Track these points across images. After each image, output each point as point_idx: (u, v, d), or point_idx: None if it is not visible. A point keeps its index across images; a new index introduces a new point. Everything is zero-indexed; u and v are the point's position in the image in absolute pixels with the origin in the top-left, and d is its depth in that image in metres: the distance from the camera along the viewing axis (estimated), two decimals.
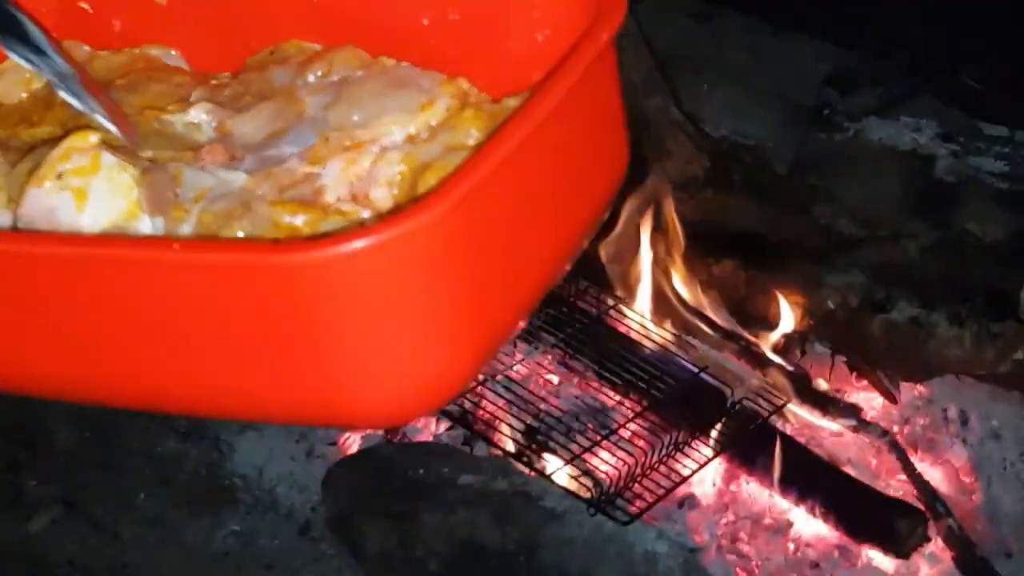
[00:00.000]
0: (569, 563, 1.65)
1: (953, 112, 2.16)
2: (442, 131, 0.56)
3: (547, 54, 0.55)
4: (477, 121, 0.56)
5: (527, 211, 0.50)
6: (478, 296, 0.48)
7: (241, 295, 0.46)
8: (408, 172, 0.55)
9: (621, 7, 0.53)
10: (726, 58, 2.36)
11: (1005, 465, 1.89)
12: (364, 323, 0.45)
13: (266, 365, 0.48)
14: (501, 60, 0.58)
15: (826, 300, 1.94)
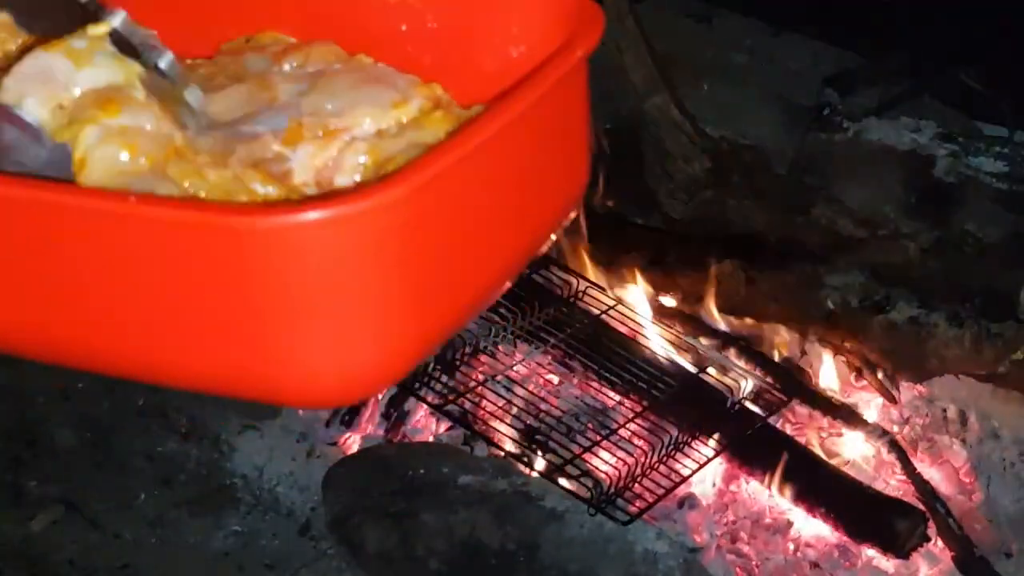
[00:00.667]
0: (569, 563, 1.65)
1: (952, 112, 2.16)
2: (410, 129, 0.57)
3: (521, 70, 0.56)
4: (445, 123, 0.57)
5: (482, 209, 0.51)
6: (427, 284, 0.48)
7: (193, 254, 0.46)
8: (371, 164, 0.56)
9: (597, 28, 0.54)
10: (726, 58, 2.37)
11: (1004, 465, 1.89)
12: (310, 297, 0.45)
13: (210, 330, 0.48)
14: (475, 71, 0.58)
15: (826, 300, 1.94)
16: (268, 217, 0.45)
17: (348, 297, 0.46)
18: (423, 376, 1.82)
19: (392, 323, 0.47)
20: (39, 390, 1.91)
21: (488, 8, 0.57)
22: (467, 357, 1.86)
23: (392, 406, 1.92)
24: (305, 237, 0.44)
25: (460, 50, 0.59)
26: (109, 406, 1.91)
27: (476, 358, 1.87)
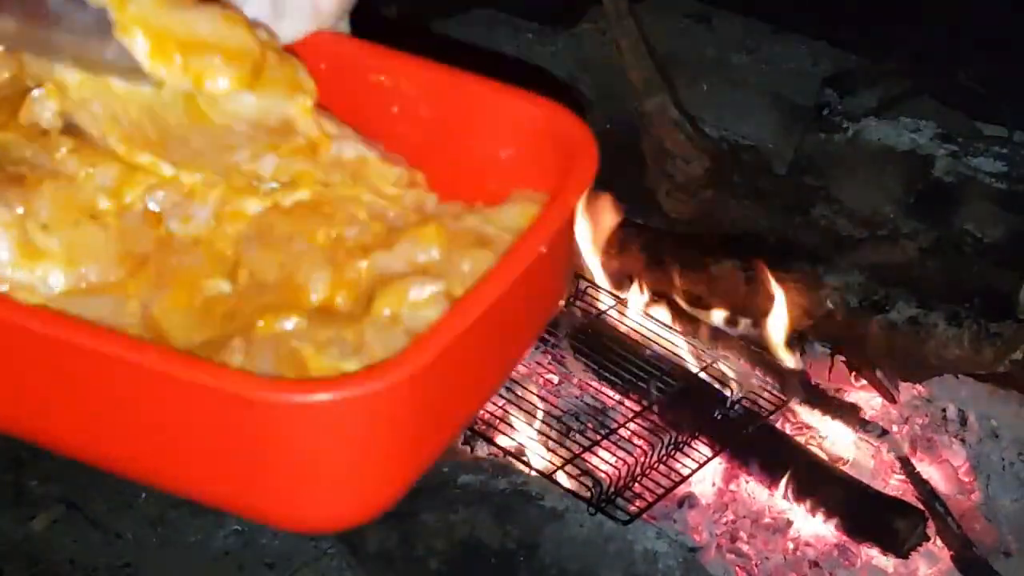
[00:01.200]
0: (569, 562, 1.66)
1: (952, 112, 2.16)
2: (403, 241, 0.57)
3: (507, 170, 0.58)
4: (438, 240, 0.57)
5: (475, 361, 0.54)
6: (420, 436, 0.52)
7: (204, 407, 0.49)
8: (367, 278, 0.57)
9: (590, 162, 0.56)
10: (725, 58, 2.37)
11: (1004, 464, 1.89)
12: (311, 453, 0.50)
13: (217, 468, 0.51)
14: (461, 162, 0.60)
15: (825, 300, 1.94)
16: (279, 393, 0.48)
17: (347, 453, 0.50)
18: None
19: (387, 467, 0.52)
20: None
21: (480, 107, 0.58)
22: None
23: None
24: (314, 412, 0.48)
25: (448, 141, 0.60)
26: None
27: None
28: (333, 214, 0.59)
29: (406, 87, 0.59)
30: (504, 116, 0.58)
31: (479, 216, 0.58)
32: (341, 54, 0.60)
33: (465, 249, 0.56)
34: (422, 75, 0.59)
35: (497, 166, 0.59)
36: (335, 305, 0.56)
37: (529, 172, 0.57)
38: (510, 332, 0.56)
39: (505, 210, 0.58)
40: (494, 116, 0.58)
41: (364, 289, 0.57)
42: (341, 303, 0.56)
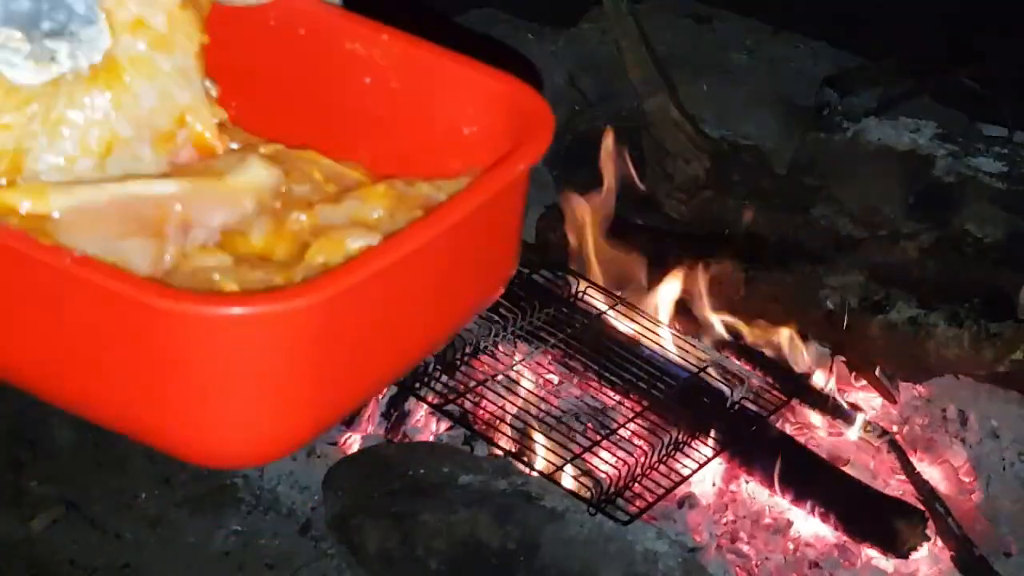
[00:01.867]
0: (569, 562, 1.66)
1: (952, 113, 2.16)
2: (350, 198, 0.57)
3: (469, 147, 0.58)
4: (385, 200, 0.57)
5: (398, 310, 0.53)
6: (333, 372, 0.51)
7: (116, 317, 0.49)
8: (308, 225, 0.57)
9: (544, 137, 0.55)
10: (726, 59, 2.37)
11: (1004, 465, 1.89)
12: (217, 374, 0.49)
13: (125, 382, 0.51)
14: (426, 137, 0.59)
15: (825, 300, 1.94)
16: (189, 304, 0.47)
17: (254, 379, 0.49)
18: (423, 376, 1.82)
19: (294, 404, 0.50)
20: None
21: (446, 83, 0.58)
22: (467, 357, 1.86)
23: (392, 406, 1.92)
24: (223, 327, 0.47)
25: (416, 115, 0.59)
26: None
27: (476, 358, 1.87)
28: (288, 171, 0.59)
29: (378, 57, 0.59)
30: (470, 92, 0.58)
31: (432, 185, 0.58)
32: (319, 19, 0.59)
33: (411, 211, 0.56)
34: (394, 47, 0.58)
35: (460, 142, 0.58)
36: (273, 255, 0.56)
37: (490, 150, 0.57)
38: (441, 290, 0.55)
39: (457, 182, 0.58)
40: (460, 91, 0.58)
41: (304, 238, 0.56)
42: (280, 253, 0.56)
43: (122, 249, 0.53)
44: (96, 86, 0.56)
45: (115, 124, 0.57)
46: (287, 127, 0.62)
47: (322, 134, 0.61)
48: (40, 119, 0.55)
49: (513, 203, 0.57)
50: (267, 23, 0.58)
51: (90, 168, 0.56)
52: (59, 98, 0.56)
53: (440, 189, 0.58)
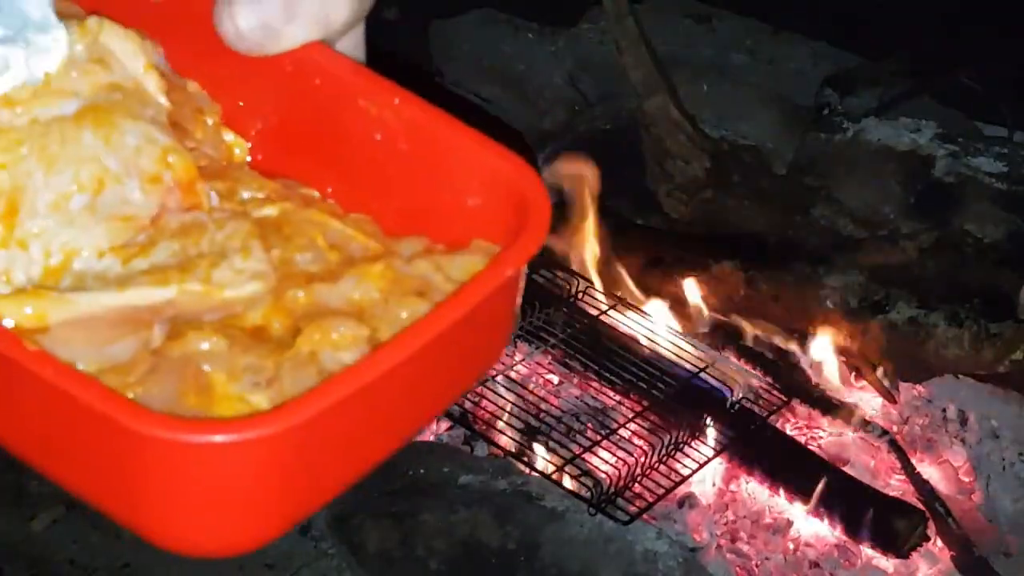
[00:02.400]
0: (569, 562, 1.66)
1: (952, 113, 2.16)
2: (348, 276, 0.58)
3: (473, 218, 0.59)
4: (382, 281, 0.57)
5: (381, 412, 0.54)
6: (308, 479, 0.53)
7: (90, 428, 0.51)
8: (303, 303, 0.57)
9: (538, 236, 0.56)
10: (726, 59, 2.37)
11: (1004, 465, 1.89)
12: (184, 486, 0.51)
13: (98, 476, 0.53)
14: (431, 201, 0.60)
15: (826, 300, 1.94)
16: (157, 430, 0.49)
17: (221, 491, 0.51)
18: None
19: (263, 509, 0.52)
20: None
21: (453, 153, 0.58)
22: None
23: None
24: (191, 451, 0.49)
25: (422, 178, 0.60)
26: None
27: None
28: (292, 236, 0.59)
29: (389, 118, 0.59)
30: (475, 165, 0.58)
31: (431, 262, 0.58)
32: (334, 74, 0.59)
33: (404, 296, 0.56)
34: (405, 111, 0.59)
35: (464, 212, 0.59)
36: (270, 329, 0.56)
37: (492, 224, 0.58)
38: (423, 387, 0.56)
39: (458, 260, 0.58)
40: (466, 163, 0.58)
41: (299, 318, 0.56)
42: (277, 328, 0.56)
43: (111, 352, 0.54)
44: (84, 124, 0.57)
45: (105, 160, 0.57)
46: (300, 169, 0.62)
47: (332, 181, 0.62)
48: (36, 157, 0.56)
49: (504, 298, 0.57)
50: (284, 68, 0.59)
51: (84, 204, 0.56)
52: (51, 137, 0.56)
53: (438, 268, 0.58)
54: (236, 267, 0.57)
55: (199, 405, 0.53)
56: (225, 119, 0.62)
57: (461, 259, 0.58)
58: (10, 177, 0.55)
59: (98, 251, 0.56)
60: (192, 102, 0.62)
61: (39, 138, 0.56)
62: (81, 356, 0.53)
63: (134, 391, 0.52)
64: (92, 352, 0.54)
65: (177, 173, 0.58)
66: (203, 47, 0.59)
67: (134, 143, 0.57)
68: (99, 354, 0.54)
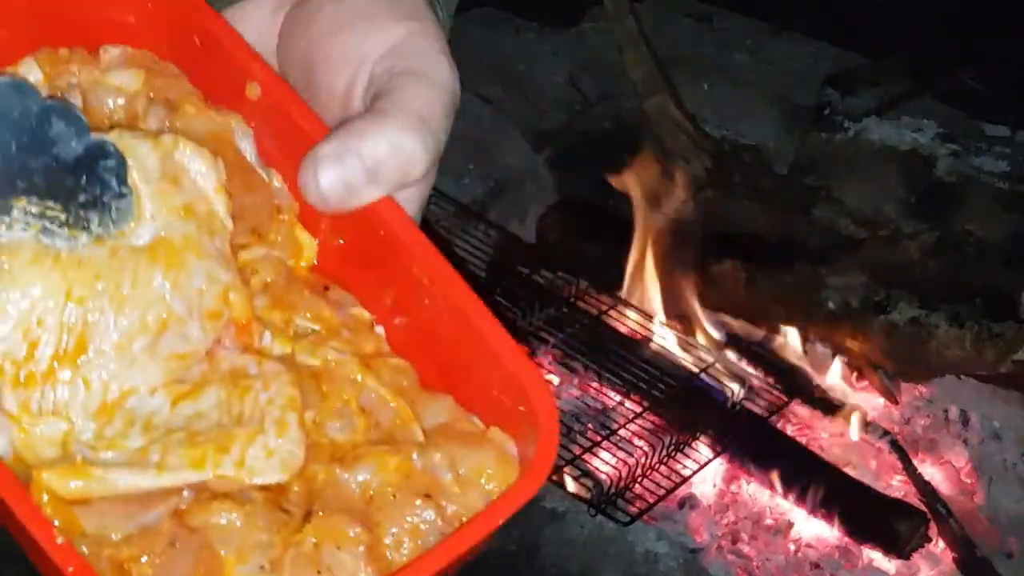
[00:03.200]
0: (570, 563, 1.65)
1: (954, 112, 2.16)
2: (364, 463, 0.61)
3: (494, 404, 0.62)
4: (395, 476, 0.61)
5: None
6: None
7: None
8: (321, 479, 0.61)
9: (544, 469, 0.58)
10: (726, 58, 2.37)
11: (1006, 466, 1.89)
12: None
13: None
14: (462, 373, 0.63)
15: (826, 300, 1.94)
16: None
17: None
18: None
19: None
20: None
21: (486, 349, 0.61)
22: None
23: None
24: None
25: (459, 354, 0.63)
26: None
27: None
28: (328, 395, 0.62)
29: (437, 295, 0.62)
30: (502, 368, 0.61)
31: (446, 457, 0.61)
32: (396, 234, 0.62)
33: (413, 498, 0.60)
34: (453, 297, 0.62)
35: (488, 397, 0.62)
36: (288, 494, 0.60)
37: (509, 419, 0.61)
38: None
39: (471, 457, 0.61)
40: (495, 362, 0.61)
41: (315, 491, 0.60)
42: (294, 494, 0.60)
43: (142, 520, 0.58)
44: (156, 264, 0.60)
45: (171, 303, 0.60)
46: (358, 283, 0.65)
47: (385, 307, 0.65)
48: (109, 296, 0.59)
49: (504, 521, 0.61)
50: (354, 215, 0.61)
51: (146, 345, 0.59)
52: (124, 275, 0.59)
53: (452, 466, 0.61)
54: (269, 446, 0.60)
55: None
56: (300, 217, 0.64)
57: (475, 457, 0.61)
58: (82, 314, 0.58)
59: (151, 388, 0.59)
60: (271, 199, 0.64)
61: (115, 274, 0.59)
62: (115, 524, 0.57)
63: (153, 570, 0.56)
64: (125, 521, 0.57)
65: (235, 312, 0.61)
66: (289, 144, 0.61)
67: (199, 284, 0.60)
68: (131, 521, 0.57)
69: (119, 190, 0.58)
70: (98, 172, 0.58)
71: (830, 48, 2.35)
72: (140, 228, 0.59)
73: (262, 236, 0.64)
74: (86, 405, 0.58)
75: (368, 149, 0.58)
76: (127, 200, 0.58)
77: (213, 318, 0.61)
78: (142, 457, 0.59)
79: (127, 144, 0.59)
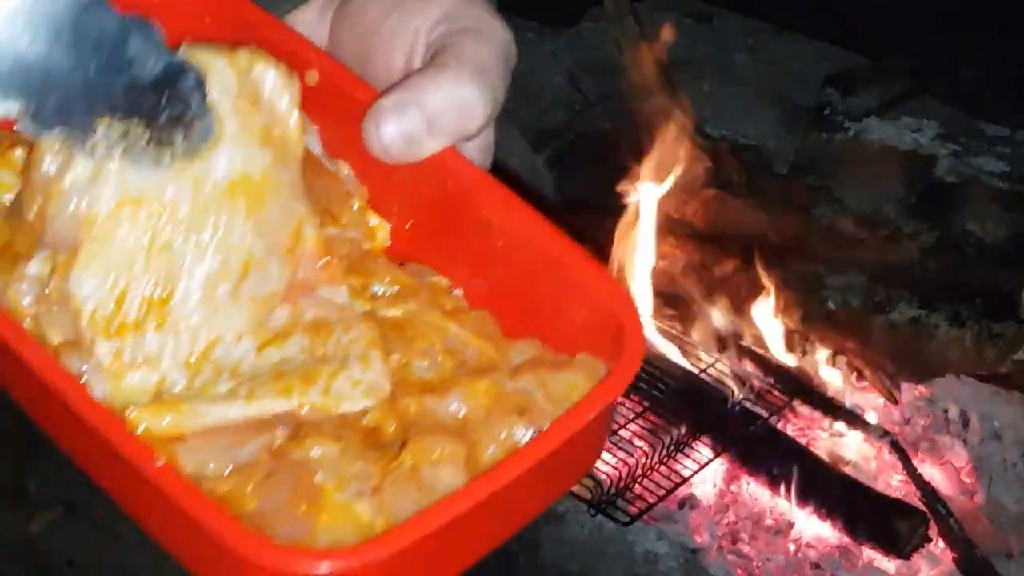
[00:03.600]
0: (570, 563, 1.65)
1: (954, 112, 2.16)
2: (455, 390, 0.62)
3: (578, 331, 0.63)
4: (485, 399, 0.61)
5: (478, 529, 0.59)
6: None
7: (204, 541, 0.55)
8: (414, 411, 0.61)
9: (633, 364, 0.59)
10: (726, 59, 2.37)
11: (1006, 465, 1.89)
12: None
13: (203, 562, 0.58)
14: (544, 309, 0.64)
15: (826, 300, 1.94)
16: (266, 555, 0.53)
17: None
18: None
19: None
20: None
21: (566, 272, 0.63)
22: None
23: None
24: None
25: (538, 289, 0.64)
26: None
27: None
28: (413, 339, 0.63)
29: (511, 231, 0.63)
30: (583, 286, 0.62)
31: (536, 378, 0.62)
32: (464, 182, 0.63)
33: (506, 415, 0.60)
34: (525, 227, 0.63)
35: (572, 325, 0.63)
36: (382, 432, 0.61)
37: (596, 340, 0.62)
38: (517, 503, 0.60)
39: (560, 378, 0.62)
40: (576, 283, 0.62)
41: (408, 426, 0.61)
42: (388, 432, 0.61)
43: (238, 454, 0.58)
44: (237, 204, 0.60)
45: (252, 245, 0.60)
46: (432, 257, 0.66)
47: (461, 272, 0.66)
48: (193, 243, 0.59)
49: (599, 422, 0.60)
50: (421, 164, 0.62)
51: (229, 290, 0.60)
52: (207, 218, 0.59)
53: (540, 386, 0.62)
54: (354, 377, 0.61)
55: (308, 512, 0.57)
56: (371, 202, 0.65)
57: (564, 377, 0.62)
58: (169, 261, 0.59)
59: (237, 335, 0.60)
60: (340, 185, 0.65)
61: (198, 220, 0.59)
62: (211, 459, 0.58)
63: (253, 500, 0.57)
64: (221, 456, 0.58)
65: (310, 243, 0.62)
66: (354, 131, 0.61)
67: (276, 220, 0.61)
68: (227, 456, 0.58)
69: (199, 108, 0.58)
70: (178, 90, 0.57)
71: (830, 48, 2.35)
72: (220, 150, 0.59)
73: (335, 219, 0.64)
74: (175, 354, 0.59)
75: (428, 100, 0.59)
76: (208, 119, 0.58)
77: (289, 252, 0.61)
78: (231, 395, 0.60)
79: (204, 60, 0.58)
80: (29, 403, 0.60)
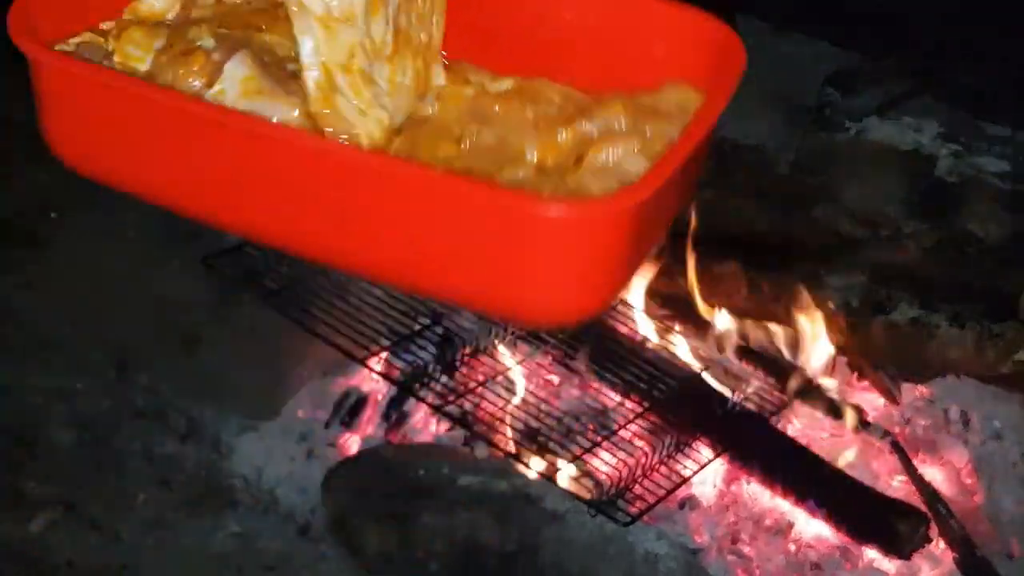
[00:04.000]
0: (570, 564, 1.65)
1: (955, 112, 2.15)
2: (598, 111, 0.75)
3: (659, 65, 0.77)
4: (624, 113, 0.75)
5: (662, 207, 0.71)
6: (630, 255, 0.68)
7: (473, 217, 0.65)
8: (569, 139, 0.75)
9: (739, 67, 0.72)
10: None
11: (1007, 466, 1.88)
12: (546, 256, 0.64)
13: (476, 267, 0.68)
14: (620, 59, 0.78)
15: (827, 300, 1.93)
16: (560, 207, 0.64)
17: (580, 259, 0.65)
18: (423, 376, 1.82)
19: (606, 275, 0.67)
20: (38, 390, 1.91)
21: (642, 15, 0.78)
22: (467, 358, 1.86)
23: (392, 407, 1.92)
24: (554, 222, 0.63)
25: (612, 43, 0.78)
26: (108, 406, 1.91)
27: (476, 359, 1.87)
28: (536, 97, 0.77)
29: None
30: (660, 22, 0.74)
31: (650, 97, 0.76)
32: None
33: (646, 119, 0.75)
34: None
35: (652, 62, 0.76)
36: (547, 165, 0.73)
37: (679, 67, 0.75)
38: (676, 193, 0.74)
39: (666, 94, 0.76)
40: (652, 22, 0.75)
41: (568, 151, 0.73)
42: (551, 164, 0.73)
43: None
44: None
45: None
46: (500, 58, 0.82)
47: (527, 63, 0.80)
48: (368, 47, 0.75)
49: (707, 143, 0.76)
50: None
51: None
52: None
53: (658, 100, 0.78)
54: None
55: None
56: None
57: (668, 93, 0.77)
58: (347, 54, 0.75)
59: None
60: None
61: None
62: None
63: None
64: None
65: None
66: None
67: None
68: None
69: None
70: None
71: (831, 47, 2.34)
72: None
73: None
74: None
75: None
76: None
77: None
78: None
79: None
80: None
